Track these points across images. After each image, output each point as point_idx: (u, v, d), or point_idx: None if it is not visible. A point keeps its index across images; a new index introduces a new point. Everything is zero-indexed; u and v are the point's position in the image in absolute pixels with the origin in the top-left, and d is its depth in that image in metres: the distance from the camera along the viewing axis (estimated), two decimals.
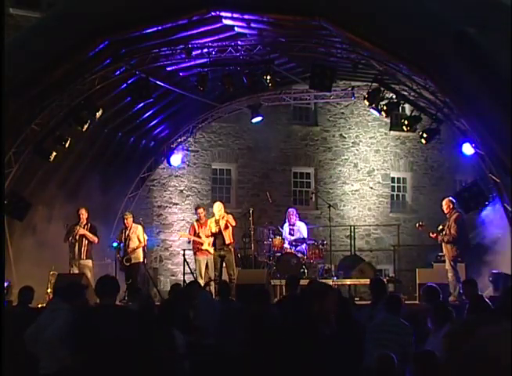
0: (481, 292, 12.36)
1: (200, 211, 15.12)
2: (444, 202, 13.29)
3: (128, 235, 14.42)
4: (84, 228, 14.10)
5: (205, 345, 8.92)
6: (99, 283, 6.17)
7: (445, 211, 13.15)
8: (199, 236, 14.74)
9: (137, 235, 14.47)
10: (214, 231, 14.37)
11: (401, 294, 12.70)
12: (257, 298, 8.46)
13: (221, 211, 14.53)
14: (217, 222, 14.40)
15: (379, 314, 8.04)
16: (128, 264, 14.24)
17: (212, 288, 13.79)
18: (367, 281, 12.77)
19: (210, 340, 9.14)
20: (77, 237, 13.98)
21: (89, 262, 14.13)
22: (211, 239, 14.65)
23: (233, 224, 14.48)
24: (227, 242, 14.31)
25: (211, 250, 14.59)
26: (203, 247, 14.68)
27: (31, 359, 6.93)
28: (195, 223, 15.12)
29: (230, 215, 14.67)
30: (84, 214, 14.15)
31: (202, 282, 14.31)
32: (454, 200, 13.22)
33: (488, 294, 11.99)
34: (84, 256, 14.02)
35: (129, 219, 14.59)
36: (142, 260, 14.60)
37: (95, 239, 14.14)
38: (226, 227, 14.31)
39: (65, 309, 6.75)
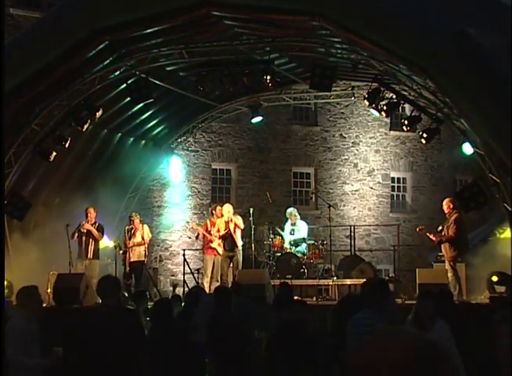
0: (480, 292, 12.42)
1: (218, 209, 15.17)
2: (444, 202, 13.29)
3: (134, 233, 14.73)
4: (91, 226, 14.34)
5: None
6: (101, 284, 6.17)
7: (446, 211, 13.16)
8: (210, 234, 14.85)
9: (141, 234, 14.73)
10: (222, 233, 14.45)
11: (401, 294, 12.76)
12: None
13: (230, 213, 14.64)
14: (226, 223, 14.47)
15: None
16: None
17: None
18: None
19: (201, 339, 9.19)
20: (84, 231, 14.15)
21: (96, 262, 14.28)
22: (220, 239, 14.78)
23: (242, 227, 14.60)
24: (238, 245, 14.42)
25: (220, 250, 14.69)
26: (212, 245, 14.77)
27: None
28: (208, 221, 15.30)
29: (239, 217, 14.73)
30: (92, 213, 14.46)
31: (207, 281, 14.40)
32: (454, 201, 13.22)
33: (487, 294, 12.01)
34: (90, 255, 14.19)
35: (136, 220, 14.88)
36: (144, 259, 14.71)
37: (100, 237, 14.27)
38: (235, 230, 14.41)
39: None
